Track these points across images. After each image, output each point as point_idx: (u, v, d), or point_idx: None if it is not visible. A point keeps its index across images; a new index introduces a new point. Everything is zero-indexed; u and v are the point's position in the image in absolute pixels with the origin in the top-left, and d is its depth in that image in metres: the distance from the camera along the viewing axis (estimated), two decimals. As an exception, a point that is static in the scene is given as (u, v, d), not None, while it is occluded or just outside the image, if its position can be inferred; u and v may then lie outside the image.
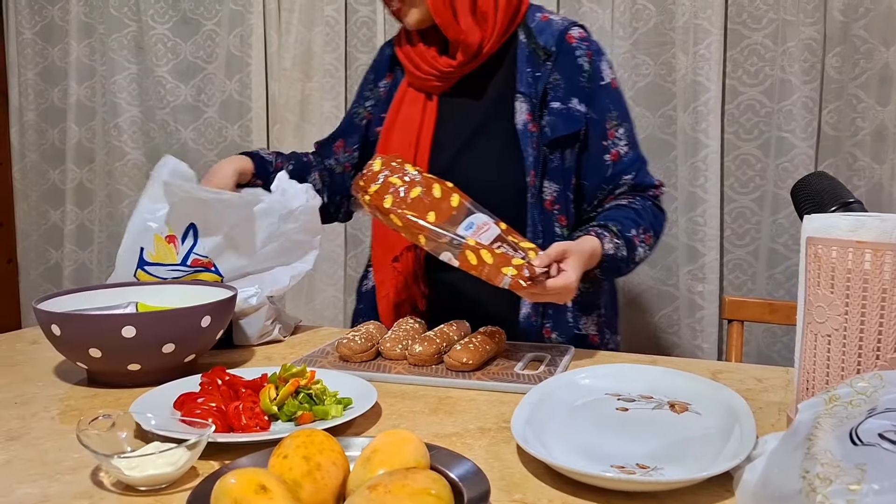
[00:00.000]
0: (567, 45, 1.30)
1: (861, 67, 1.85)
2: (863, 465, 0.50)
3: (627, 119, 1.33)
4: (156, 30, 2.44)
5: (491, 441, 0.81)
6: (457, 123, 1.33)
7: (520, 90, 1.28)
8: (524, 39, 1.31)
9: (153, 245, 1.21)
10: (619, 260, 1.20)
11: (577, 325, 1.32)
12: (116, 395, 0.97)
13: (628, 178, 1.30)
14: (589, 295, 1.32)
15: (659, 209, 1.34)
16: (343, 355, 1.09)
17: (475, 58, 1.29)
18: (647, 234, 1.26)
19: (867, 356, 0.76)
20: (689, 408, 0.88)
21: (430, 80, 1.33)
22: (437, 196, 1.11)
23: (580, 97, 1.28)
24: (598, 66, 1.31)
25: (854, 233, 0.77)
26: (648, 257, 1.31)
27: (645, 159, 1.35)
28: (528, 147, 1.26)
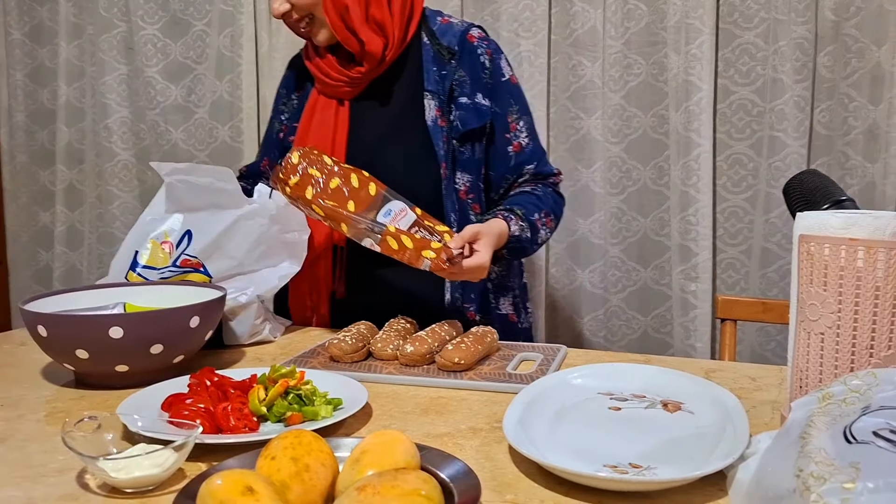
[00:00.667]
0: (469, 44, 1.39)
1: (853, 66, 1.85)
2: (857, 464, 0.50)
3: (527, 112, 1.44)
4: (145, 30, 2.43)
5: (482, 441, 0.81)
6: (370, 125, 1.40)
7: (428, 88, 1.36)
8: (427, 41, 1.39)
9: (148, 248, 1.20)
10: (524, 241, 1.31)
11: (497, 305, 1.41)
12: (104, 397, 0.96)
13: (530, 167, 1.41)
14: (503, 277, 1.43)
15: (559, 195, 1.46)
16: (334, 356, 1.08)
17: (380, 64, 1.36)
18: (548, 218, 1.37)
19: (861, 354, 0.75)
20: (681, 407, 0.88)
21: (340, 86, 1.39)
22: (356, 185, 1.17)
23: (484, 93, 1.38)
24: (498, 64, 1.41)
25: (846, 230, 0.76)
26: (549, 239, 1.43)
27: (544, 150, 1.48)
28: (439, 141, 1.34)
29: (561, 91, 2.08)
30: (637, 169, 2.05)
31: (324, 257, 1.39)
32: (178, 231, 1.21)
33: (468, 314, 1.35)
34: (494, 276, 1.40)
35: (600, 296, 2.11)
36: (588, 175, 2.08)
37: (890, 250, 0.73)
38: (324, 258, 1.39)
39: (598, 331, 2.12)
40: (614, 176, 2.06)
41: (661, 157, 2.03)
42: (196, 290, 1.14)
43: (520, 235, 1.29)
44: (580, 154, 2.07)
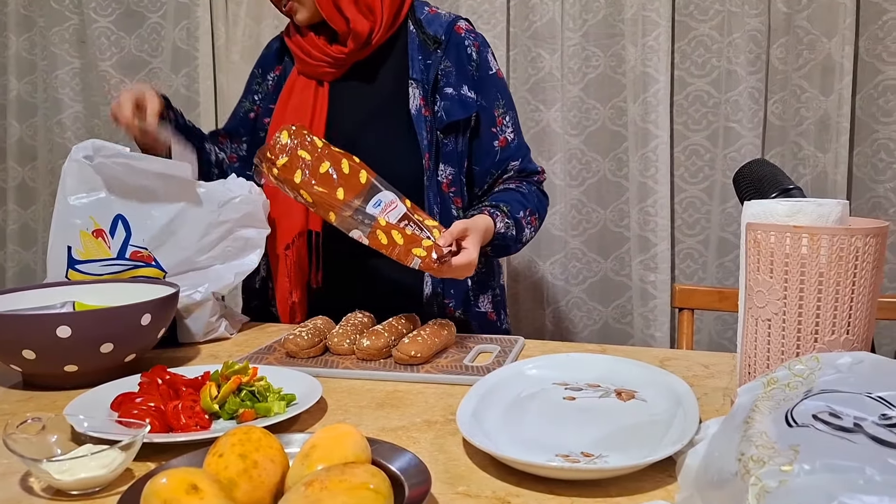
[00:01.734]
0: (456, 34, 1.37)
1: (804, 58, 1.88)
2: (796, 446, 0.50)
3: (512, 108, 1.42)
4: (98, 23, 2.37)
5: (437, 434, 0.81)
6: (351, 109, 1.37)
7: (413, 77, 1.34)
8: (414, 30, 1.37)
9: (80, 242, 1.17)
10: (508, 239, 1.29)
11: (477, 303, 1.39)
12: (53, 398, 0.94)
13: (515, 163, 1.39)
14: (485, 275, 1.41)
15: (543, 193, 1.43)
16: (290, 351, 1.07)
17: (365, 46, 1.33)
18: (532, 217, 1.35)
19: (806, 339, 0.77)
20: (635, 395, 0.88)
21: (321, 66, 1.35)
22: (346, 172, 1.13)
23: (469, 85, 1.36)
24: (485, 57, 1.39)
25: (791, 218, 0.78)
26: (532, 238, 1.40)
27: (528, 147, 1.45)
28: (422, 131, 1.32)
29: (520, 83, 2.08)
30: (596, 161, 2.06)
31: (298, 244, 1.35)
32: (108, 217, 1.17)
33: (448, 310, 1.33)
34: (476, 274, 1.38)
35: (561, 287, 2.12)
36: (548, 167, 2.08)
37: (833, 237, 0.74)
38: (298, 245, 1.35)
39: (560, 322, 2.14)
40: (574, 168, 2.07)
41: (619, 149, 2.04)
42: (149, 287, 1.12)
43: (505, 233, 1.27)
44: (540, 146, 2.08)
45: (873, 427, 0.55)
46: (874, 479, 0.44)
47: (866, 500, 0.42)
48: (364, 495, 0.55)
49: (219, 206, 1.21)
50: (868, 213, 1.89)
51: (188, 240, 1.19)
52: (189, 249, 1.19)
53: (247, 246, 1.24)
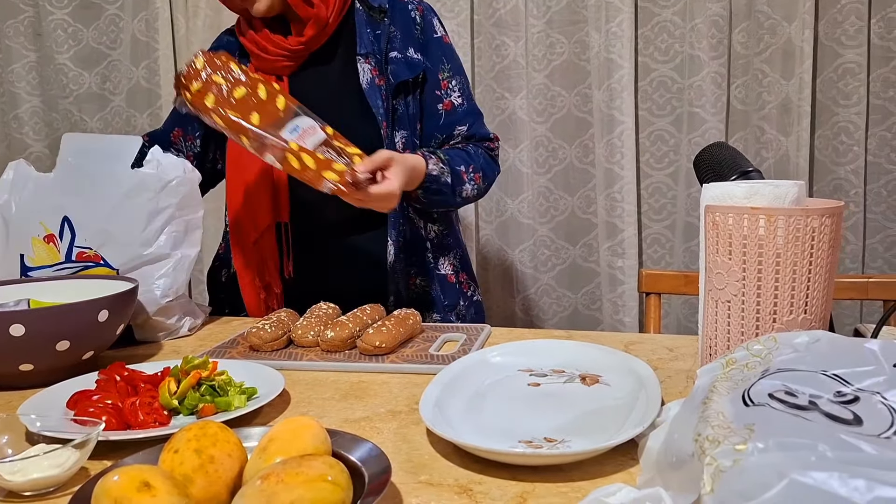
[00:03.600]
0: (399, 1, 1.39)
1: (766, 42, 1.90)
2: (751, 425, 0.51)
3: (461, 73, 1.42)
4: (54, 15, 2.32)
5: (401, 424, 0.80)
6: (309, 98, 1.33)
7: (360, 52, 1.34)
8: (360, 7, 1.38)
9: (32, 249, 1.14)
10: (443, 185, 1.28)
11: (437, 265, 1.40)
12: (7, 398, 0.92)
13: (462, 128, 1.38)
14: (443, 236, 1.42)
15: (492, 159, 1.42)
16: (253, 345, 1.06)
17: (324, 29, 1.33)
18: (476, 174, 1.34)
19: (765, 320, 0.77)
20: (599, 380, 0.88)
21: (279, 60, 1.35)
22: (263, 97, 1.12)
23: (415, 47, 1.37)
24: (429, 20, 1.40)
25: (749, 199, 0.78)
26: (477, 198, 1.40)
27: (480, 112, 1.44)
28: (377, 101, 1.32)
29: (485, 71, 2.07)
30: (563, 148, 2.06)
31: (267, 235, 1.35)
32: (56, 221, 1.14)
33: (409, 278, 1.35)
34: (434, 235, 1.40)
35: (531, 275, 2.13)
36: (515, 155, 2.08)
37: (789, 217, 0.75)
38: (267, 236, 1.36)
39: (530, 310, 2.14)
40: (541, 155, 2.07)
41: (585, 136, 2.05)
42: (107, 283, 1.10)
43: (438, 176, 1.26)
44: (507, 134, 2.08)
45: (828, 404, 0.55)
46: (826, 455, 0.44)
47: (817, 477, 0.42)
48: (321, 487, 0.54)
49: (156, 193, 1.16)
50: (830, 194, 1.92)
51: (131, 234, 1.15)
52: (134, 244, 1.15)
53: (188, 228, 1.20)
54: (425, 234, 1.39)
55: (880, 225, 1.92)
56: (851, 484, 0.41)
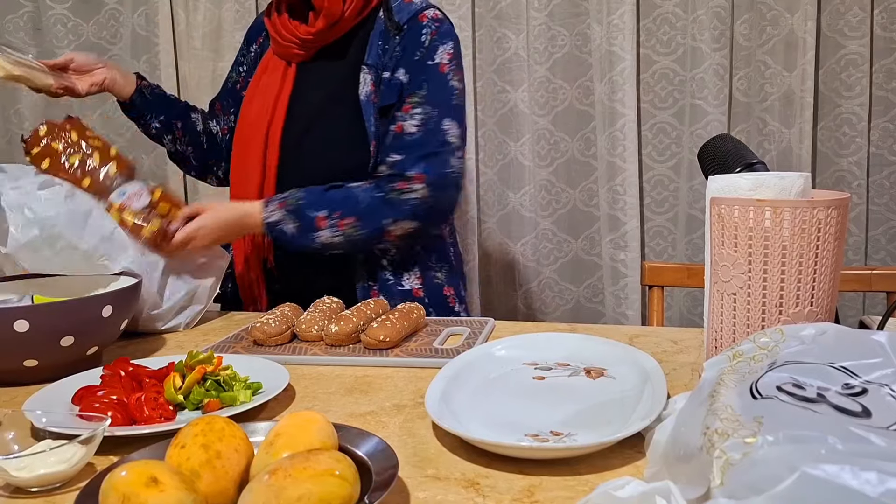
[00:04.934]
0: (417, 22, 1.33)
1: (768, 34, 1.89)
2: (760, 418, 0.50)
3: (438, 107, 1.30)
4: (54, 10, 2.31)
5: (406, 418, 0.80)
6: (311, 94, 1.37)
7: (367, 62, 1.32)
8: (382, 16, 1.35)
9: None
10: (280, 232, 1.27)
11: (399, 282, 1.37)
12: (13, 394, 0.92)
13: (394, 157, 1.29)
14: (403, 252, 1.37)
15: (389, 202, 1.27)
16: (257, 339, 1.06)
17: (334, 26, 1.32)
18: (343, 220, 1.26)
19: (771, 312, 0.77)
20: (604, 373, 0.88)
21: (290, 47, 1.36)
22: (95, 165, 1.21)
23: (407, 68, 1.30)
24: (435, 46, 1.32)
25: (754, 192, 0.78)
26: (354, 243, 1.29)
27: (434, 152, 1.29)
28: (370, 117, 1.30)
29: (487, 64, 2.07)
30: (565, 141, 2.06)
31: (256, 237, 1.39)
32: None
33: (371, 293, 1.35)
34: (395, 252, 1.35)
35: (533, 268, 2.12)
36: (517, 148, 2.08)
37: (795, 209, 0.74)
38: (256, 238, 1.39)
39: (532, 303, 2.14)
40: (542, 148, 2.07)
41: (587, 129, 2.04)
42: (110, 279, 1.10)
43: (276, 223, 1.26)
44: (508, 127, 2.07)
45: (836, 396, 0.55)
46: (836, 447, 0.44)
47: (828, 470, 0.42)
48: (329, 482, 0.54)
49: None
50: (832, 186, 1.92)
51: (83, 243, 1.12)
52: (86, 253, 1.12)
53: None
54: (381, 252, 1.35)
55: (883, 216, 1.92)
56: (863, 476, 0.41)
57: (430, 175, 1.28)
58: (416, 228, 1.31)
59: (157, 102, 1.45)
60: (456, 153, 1.31)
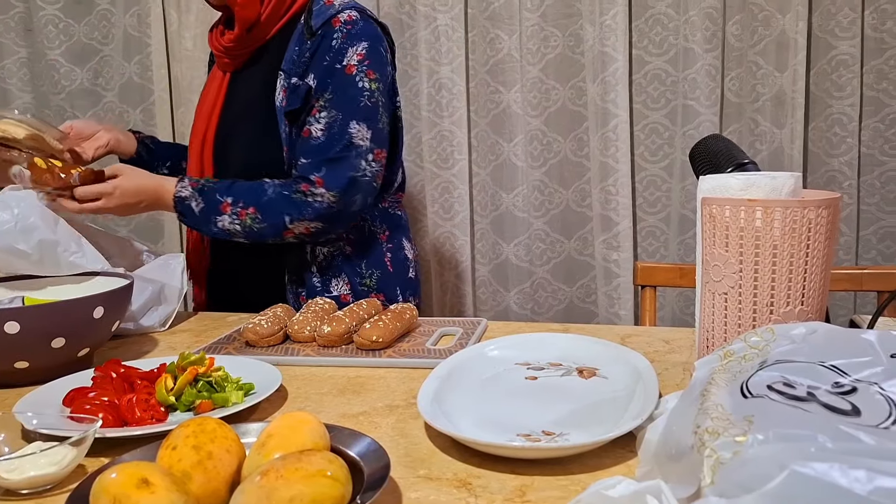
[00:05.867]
0: (330, 26, 1.31)
1: (759, 35, 1.90)
2: (750, 417, 0.51)
3: (343, 111, 1.29)
4: (45, 10, 2.30)
5: (398, 418, 0.80)
6: (236, 101, 1.42)
7: (282, 68, 1.33)
8: (302, 22, 1.36)
9: None
10: (187, 209, 1.29)
11: (327, 288, 1.39)
12: (2, 396, 0.91)
13: (302, 161, 1.30)
14: (332, 258, 1.39)
15: (294, 201, 1.28)
16: (249, 340, 1.06)
17: (250, 31, 1.35)
18: (244, 209, 1.28)
19: (762, 311, 0.77)
20: (596, 373, 0.89)
21: (220, 57, 1.43)
22: None
23: (316, 73, 1.30)
24: (344, 48, 1.30)
25: (745, 191, 0.78)
26: (249, 234, 1.30)
27: (336, 157, 1.29)
28: (282, 123, 1.33)
29: (480, 65, 2.07)
30: (557, 141, 2.06)
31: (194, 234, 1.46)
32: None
33: (300, 298, 1.38)
34: (322, 257, 1.38)
35: (526, 269, 2.13)
36: (509, 149, 2.08)
37: (786, 209, 0.75)
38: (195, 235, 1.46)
39: (526, 303, 2.14)
40: (535, 149, 2.07)
41: (580, 129, 2.05)
42: (101, 280, 1.09)
43: (184, 199, 1.28)
44: (501, 128, 2.07)
45: (826, 395, 0.55)
46: (826, 446, 0.44)
47: (817, 468, 0.42)
48: (321, 482, 0.54)
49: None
50: (823, 186, 1.92)
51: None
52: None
53: None
54: (311, 258, 1.38)
55: (874, 216, 1.93)
56: (852, 475, 0.42)
57: (330, 180, 1.28)
58: (320, 228, 1.31)
59: (160, 151, 1.55)
60: (365, 156, 1.30)
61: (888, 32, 1.84)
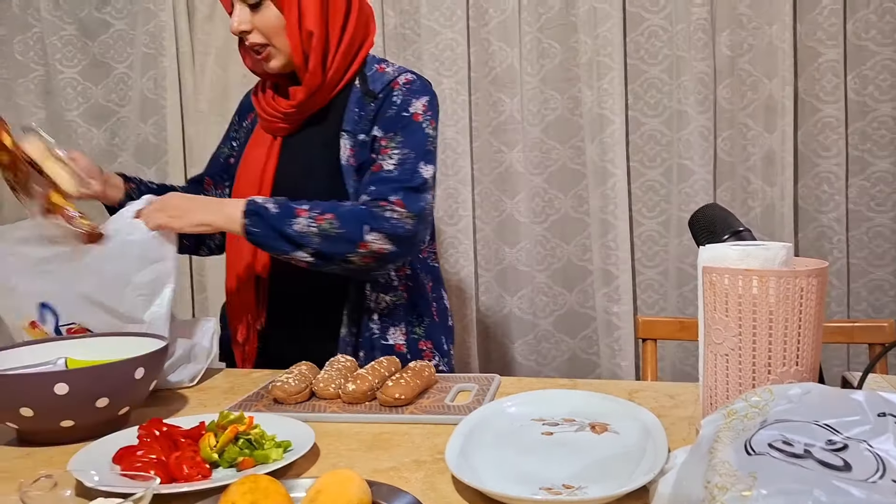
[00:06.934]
0: (390, 88, 1.41)
1: (749, 98, 2.01)
2: (754, 473, 0.57)
3: (415, 150, 1.36)
4: (64, 74, 2.40)
5: (427, 473, 0.86)
6: (295, 163, 1.45)
7: (345, 129, 1.40)
8: (358, 85, 1.43)
9: (25, 335, 1.22)
10: (267, 210, 1.28)
11: (384, 335, 1.43)
12: (50, 454, 0.97)
13: (379, 188, 1.34)
14: (394, 307, 1.44)
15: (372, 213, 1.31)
16: (277, 398, 1.11)
17: (313, 96, 1.40)
18: (322, 215, 1.29)
19: (760, 371, 0.84)
20: (608, 428, 0.95)
21: (274, 121, 1.44)
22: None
23: (381, 125, 1.39)
24: (408, 100, 1.39)
25: (742, 261, 0.86)
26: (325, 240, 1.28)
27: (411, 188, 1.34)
28: (349, 180, 1.38)
29: (483, 126, 2.17)
30: (558, 198, 2.15)
31: (246, 287, 1.45)
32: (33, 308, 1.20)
33: (356, 350, 1.41)
34: (385, 305, 1.42)
35: (529, 321, 2.19)
36: (512, 205, 2.17)
37: (780, 278, 0.82)
38: (246, 288, 1.45)
39: (529, 354, 2.20)
40: (537, 205, 2.16)
41: (579, 187, 2.14)
42: (135, 340, 1.16)
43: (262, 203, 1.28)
44: (504, 186, 2.16)
45: (821, 452, 0.62)
46: (821, 500, 0.51)
47: (814, 519, 0.49)
48: (371, 535, 0.60)
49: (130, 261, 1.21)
50: (814, 241, 2.01)
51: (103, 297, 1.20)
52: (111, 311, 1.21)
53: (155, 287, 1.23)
54: (374, 305, 1.42)
55: (863, 270, 2.01)
56: (844, 525, 0.48)
57: (409, 203, 1.33)
58: (391, 252, 1.32)
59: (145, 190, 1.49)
60: (430, 191, 1.39)
61: (870, 96, 1.95)
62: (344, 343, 1.41)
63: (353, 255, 1.30)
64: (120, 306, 1.21)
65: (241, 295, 1.46)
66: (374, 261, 1.32)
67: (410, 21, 2.17)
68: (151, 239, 1.22)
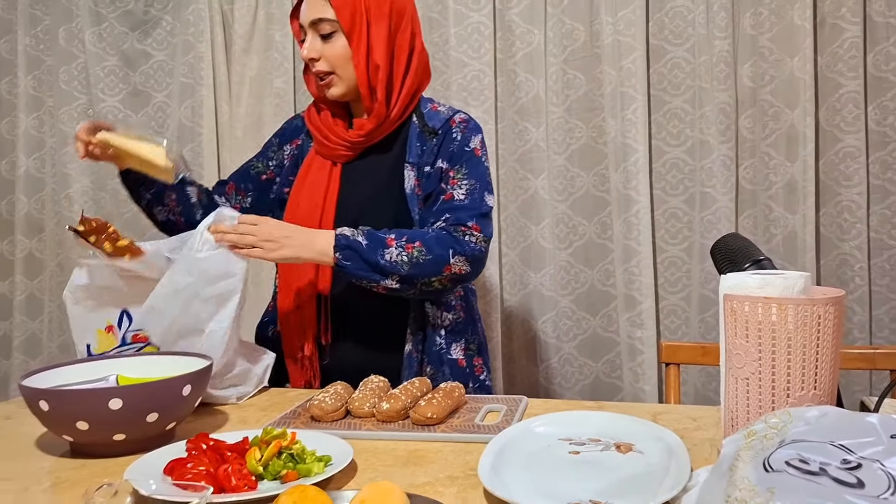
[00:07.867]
0: (449, 126, 1.53)
1: (770, 128, 2.05)
2: (772, 488, 0.61)
3: (479, 179, 1.47)
4: (106, 102, 2.51)
5: (460, 488, 0.90)
6: (358, 189, 1.53)
7: (409, 160, 1.50)
8: (416, 122, 1.53)
9: (96, 340, 1.30)
10: (360, 245, 1.35)
11: (449, 350, 1.51)
12: (103, 465, 1.03)
13: (449, 216, 1.43)
14: (458, 323, 1.53)
15: (454, 238, 1.40)
16: (315, 415, 1.17)
17: (380, 126, 1.49)
18: (409, 243, 1.37)
19: (779, 395, 0.88)
20: (633, 448, 0.99)
21: (338, 149, 1.52)
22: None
23: (446, 157, 1.50)
24: (467, 137, 1.52)
25: (762, 290, 0.90)
26: (413, 267, 1.36)
27: (482, 214, 1.44)
28: (414, 207, 1.48)
29: (509, 154, 2.23)
30: (582, 225, 2.20)
31: (308, 305, 1.51)
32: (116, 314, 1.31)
33: (422, 365, 1.48)
34: (449, 322, 1.51)
35: (553, 344, 2.23)
36: (537, 231, 2.22)
37: (798, 306, 0.86)
38: (308, 305, 1.51)
39: (553, 378, 2.24)
40: (561, 231, 2.21)
41: (603, 213, 2.18)
42: (181, 359, 1.22)
43: (348, 236, 1.35)
44: (529, 212, 2.22)
45: (835, 470, 0.66)
46: (834, 512, 0.55)
47: (827, 529, 0.53)
48: (414, 541, 0.64)
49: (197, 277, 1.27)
50: (836, 269, 2.03)
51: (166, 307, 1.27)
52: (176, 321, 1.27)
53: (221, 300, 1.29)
54: (440, 321, 1.51)
55: (885, 297, 2.03)
56: (854, 535, 0.52)
57: (483, 227, 1.44)
58: (468, 272, 1.42)
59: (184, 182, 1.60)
60: (492, 221, 1.51)
61: (890, 127, 1.99)
62: (410, 358, 1.48)
63: (436, 279, 1.39)
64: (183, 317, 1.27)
65: (301, 312, 1.52)
66: (451, 282, 1.42)
67: (440, 52, 2.24)
68: (222, 254, 1.29)
